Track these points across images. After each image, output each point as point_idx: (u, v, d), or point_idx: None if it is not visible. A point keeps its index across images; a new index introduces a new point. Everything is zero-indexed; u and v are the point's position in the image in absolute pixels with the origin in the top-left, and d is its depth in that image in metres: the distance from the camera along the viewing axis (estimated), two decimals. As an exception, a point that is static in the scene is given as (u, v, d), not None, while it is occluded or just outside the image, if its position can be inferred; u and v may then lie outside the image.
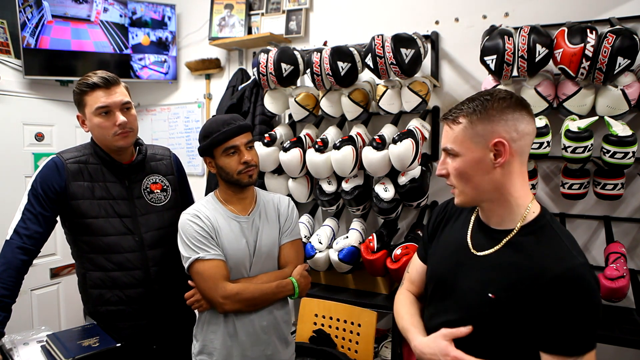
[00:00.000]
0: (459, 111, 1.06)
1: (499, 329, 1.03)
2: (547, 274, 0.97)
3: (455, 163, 1.06)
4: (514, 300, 1.00)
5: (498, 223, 1.09)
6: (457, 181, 1.08)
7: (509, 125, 1.02)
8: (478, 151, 1.03)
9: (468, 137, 1.04)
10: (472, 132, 1.04)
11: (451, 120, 1.07)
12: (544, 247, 1.01)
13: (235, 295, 1.44)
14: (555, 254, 0.99)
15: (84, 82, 1.54)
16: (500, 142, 1.01)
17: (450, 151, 1.08)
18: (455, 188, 1.10)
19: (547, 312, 0.96)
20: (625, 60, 1.71)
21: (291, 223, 1.63)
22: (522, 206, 1.06)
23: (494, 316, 1.02)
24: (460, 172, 1.06)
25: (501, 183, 1.05)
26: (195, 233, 1.47)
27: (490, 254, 1.07)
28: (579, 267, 0.97)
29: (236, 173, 1.50)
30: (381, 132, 2.18)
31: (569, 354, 0.96)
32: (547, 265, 0.98)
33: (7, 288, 1.44)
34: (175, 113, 3.28)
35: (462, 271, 1.11)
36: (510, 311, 1.00)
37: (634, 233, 2.05)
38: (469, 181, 1.06)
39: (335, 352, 2.07)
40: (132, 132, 1.59)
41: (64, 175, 1.54)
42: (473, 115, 1.04)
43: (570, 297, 0.95)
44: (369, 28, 2.52)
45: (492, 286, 1.03)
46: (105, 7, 2.92)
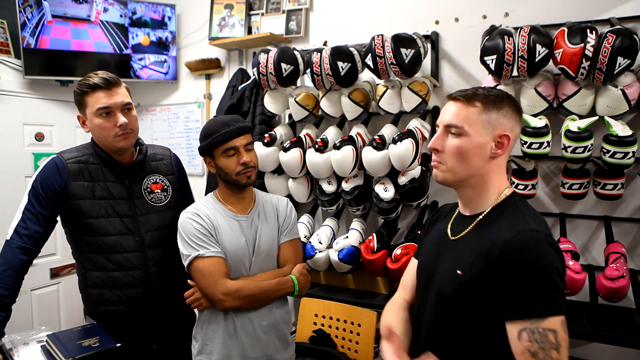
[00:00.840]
0: (475, 95, 1.09)
1: (468, 305, 1.06)
2: (498, 242, 1.01)
3: (459, 141, 1.08)
4: (477, 273, 1.03)
5: (474, 209, 1.15)
6: (451, 158, 1.10)
7: (512, 124, 1.11)
8: (484, 137, 1.08)
9: (480, 121, 1.08)
10: (485, 117, 1.08)
11: (466, 99, 1.09)
12: (504, 221, 1.07)
13: (235, 291, 1.45)
14: (511, 224, 1.04)
15: (85, 82, 1.54)
16: (506, 136, 1.09)
17: (457, 129, 1.09)
18: (444, 164, 1.12)
19: (501, 278, 0.99)
20: (625, 60, 1.71)
21: (290, 223, 1.64)
22: (495, 192, 1.13)
23: (462, 292, 1.06)
24: (461, 150, 1.08)
25: (487, 172, 1.11)
26: (195, 231, 1.47)
27: (462, 236, 1.14)
28: (527, 232, 1.00)
29: (235, 174, 1.51)
30: (381, 132, 2.18)
31: (524, 316, 0.96)
32: (501, 234, 1.02)
33: (7, 288, 1.44)
34: (175, 113, 3.28)
35: (441, 257, 1.17)
36: (475, 285, 1.04)
37: (634, 233, 2.05)
38: (464, 161, 1.09)
39: (335, 352, 2.07)
40: (133, 133, 1.59)
41: (64, 175, 1.55)
42: (490, 103, 1.08)
43: (517, 259, 0.98)
44: (369, 28, 2.52)
45: (460, 264, 1.08)
46: (105, 7, 2.92)
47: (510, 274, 0.98)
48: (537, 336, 0.94)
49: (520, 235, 1.00)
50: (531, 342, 0.94)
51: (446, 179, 1.13)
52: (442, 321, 1.11)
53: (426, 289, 1.20)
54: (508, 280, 0.98)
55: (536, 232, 1.01)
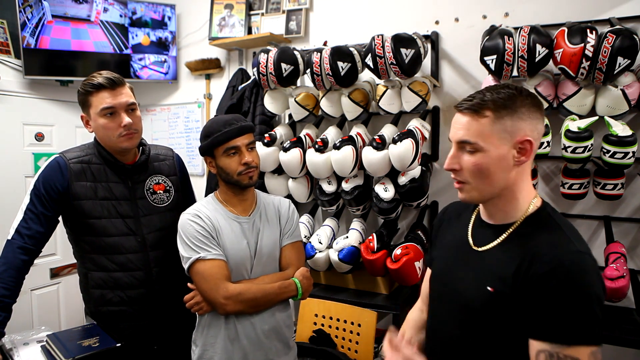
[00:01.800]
0: (483, 103, 1.00)
1: (498, 323, 1.00)
2: (540, 260, 0.94)
3: (476, 158, 1.00)
4: (511, 291, 0.97)
5: (501, 219, 1.07)
6: (472, 177, 1.02)
7: (534, 124, 1.01)
8: (503, 148, 0.99)
9: (495, 132, 0.99)
10: (500, 127, 0.99)
11: (474, 111, 1.00)
12: (542, 236, 0.99)
13: (237, 295, 1.42)
14: (552, 241, 0.97)
15: (89, 82, 1.53)
16: (528, 141, 0.99)
17: (472, 145, 1.00)
18: (466, 184, 1.04)
19: (538, 298, 0.92)
20: (625, 60, 1.71)
21: (292, 225, 1.62)
22: (526, 202, 1.05)
23: (493, 310, 1.00)
24: (481, 168, 1.00)
25: (514, 181, 1.03)
26: (196, 233, 1.45)
27: (491, 248, 1.05)
28: (572, 254, 0.94)
29: (236, 174, 1.49)
30: (381, 132, 2.18)
31: (548, 338, 0.90)
32: (542, 252, 0.95)
33: (7, 288, 1.44)
34: (175, 113, 3.28)
35: (462, 268, 1.09)
36: (508, 303, 0.97)
37: (634, 233, 2.05)
38: (487, 178, 1.01)
39: (335, 352, 2.07)
40: (137, 133, 1.59)
41: (66, 175, 1.54)
42: (501, 109, 0.99)
43: (560, 281, 0.91)
44: (369, 28, 2.52)
45: (491, 279, 1.01)
46: (105, 7, 2.92)
47: (549, 294, 0.91)
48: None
49: (567, 257, 0.93)
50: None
51: (473, 198, 1.06)
52: (468, 337, 1.04)
53: (444, 299, 1.13)
54: (545, 300, 0.91)
55: (583, 255, 0.95)
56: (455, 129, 1.04)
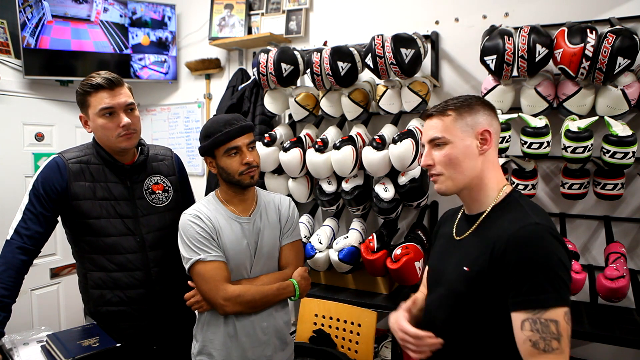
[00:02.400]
0: (446, 106, 1.17)
1: (477, 299, 1.09)
2: (502, 236, 1.05)
3: (446, 150, 1.15)
4: (482, 268, 1.07)
5: (476, 208, 1.19)
6: (445, 168, 1.15)
7: (488, 120, 1.17)
8: (467, 139, 1.14)
9: (458, 126, 1.15)
10: (462, 122, 1.15)
11: (439, 112, 1.17)
12: (505, 216, 1.11)
13: (236, 297, 1.43)
14: (514, 219, 1.08)
15: (87, 82, 1.53)
16: (487, 131, 1.15)
17: (440, 140, 1.15)
18: (441, 175, 1.17)
19: (506, 271, 1.02)
20: (625, 60, 1.71)
21: (292, 224, 1.62)
22: (495, 190, 1.17)
23: (469, 288, 1.10)
24: (451, 158, 1.14)
25: (481, 170, 1.16)
26: (196, 234, 1.45)
27: (467, 236, 1.19)
28: (530, 225, 1.04)
29: (237, 174, 1.49)
30: (381, 132, 2.18)
31: (527, 307, 0.98)
32: (504, 229, 1.07)
33: (7, 288, 1.44)
34: (175, 113, 3.28)
35: (447, 258, 1.22)
36: (482, 279, 1.07)
37: (634, 233, 2.05)
38: (457, 166, 1.14)
39: (335, 352, 2.07)
40: (136, 133, 1.59)
41: (65, 176, 1.54)
42: (461, 108, 1.16)
43: (522, 252, 1.01)
44: (369, 28, 2.52)
45: (466, 260, 1.13)
46: (105, 7, 2.92)
47: (515, 266, 1.01)
48: (538, 326, 0.97)
49: (524, 229, 1.04)
50: (532, 331, 0.97)
51: (448, 188, 1.17)
52: (453, 317, 1.15)
53: (435, 289, 1.25)
54: (513, 273, 1.01)
55: (539, 225, 1.04)
56: (425, 131, 1.21)
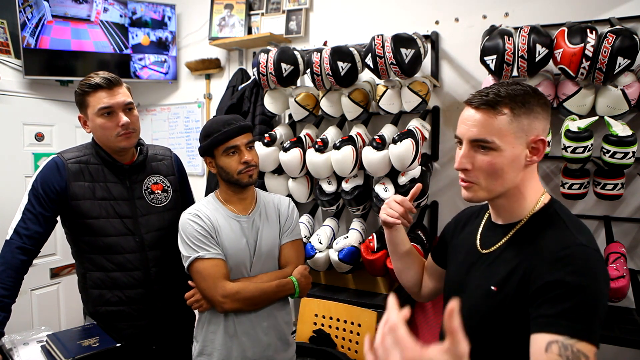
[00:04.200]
0: (500, 99, 0.95)
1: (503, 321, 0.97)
2: (544, 259, 0.91)
3: (491, 157, 0.96)
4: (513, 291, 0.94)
5: (508, 218, 1.04)
6: (484, 177, 0.98)
7: (545, 124, 0.99)
8: (518, 147, 0.96)
9: (512, 130, 0.94)
10: (517, 125, 0.95)
11: (490, 107, 0.95)
12: (546, 233, 0.96)
13: (235, 294, 1.44)
14: (556, 237, 0.94)
15: (86, 82, 1.53)
16: (541, 141, 0.96)
17: (488, 144, 0.95)
18: (475, 184, 1.00)
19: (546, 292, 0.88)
20: (625, 60, 1.71)
21: (291, 223, 1.63)
22: (533, 200, 1.02)
23: (496, 309, 0.97)
24: (495, 168, 0.96)
25: (522, 181, 1.00)
26: (196, 232, 1.47)
27: (495, 249, 1.03)
28: (577, 246, 0.90)
29: (236, 173, 1.50)
30: (381, 132, 2.18)
31: (561, 331, 0.84)
32: (546, 249, 0.92)
33: (6, 288, 1.44)
34: (175, 113, 3.28)
35: (470, 273, 1.08)
36: (512, 303, 0.94)
37: (634, 233, 2.05)
38: (499, 178, 0.97)
39: (335, 352, 2.07)
40: (135, 132, 1.59)
41: (64, 176, 1.54)
42: (518, 107, 0.95)
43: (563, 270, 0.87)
44: (369, 28, 2.52)
45: (495, 279, 0.99)
46: (105, 7, 2.92)
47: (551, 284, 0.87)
48: (569, 353, 0.82)
49: (569, 249, 0.89)
50: (561, 356, 0.82)
51: (480, 198, 1.02)
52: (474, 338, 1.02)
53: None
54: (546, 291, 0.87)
55: (587, 248, 0.90)
56: (468, 126, 0.98)
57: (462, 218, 1.25)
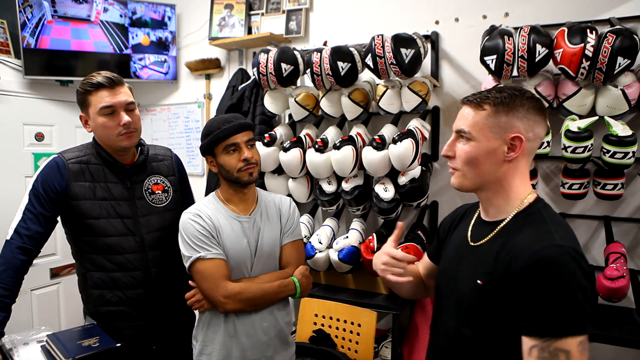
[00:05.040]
0: (485, 98, 1.06)
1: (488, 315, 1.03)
2: (521, 256, 0.97)
3: (468, 147, 1.06)
4: (497, 284, 1.00)
5: (494, 214, 1.11)
6: (463, 165, 1.08)
7: (529, 125, 1.05)
8: (494, 141, 1.05)
9: (488, 125, 1.05)
10: (494, 121, 1.04)
11: (475, 103, 1.07)
12: (526, 231, 1.02)
13: (236, 294, 1.44)
14: (534, 236, 0.99)
15: (88, 82, 1.53)
16: (518, 137, 1.04)
17: (465, 134, 1.07)
18: (458, 170, 1.10)
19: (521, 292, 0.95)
20: (625, 60, 1.71)
21: (292, 223, 1.63)
22: (519, 198, 1.08)
23: (482, 302, 1.04)
24: (470, 157, 1.06)
25: (504, 177, 1.07)
26: (197, 232, 1.46)
27: (483, 243, 1.10)
28: (552, 248, 0.95)
29: (236, 170, 1.49)
30: (381, 132, 2.18)
31: (537, 334, 0.91)
32: (523, 247, 0.98)
33: (6, 288, 1.44)
34: (175, 113, 3.28)
35: (460, 264, 1.14)
36: (495, 296, 1.01)
37: (634, 233, 2.05)
38: (475, 167, 1.07)
39: (335, 352, 2.07)
40: (136, 132, 1.59)
41: (65, 176, 1.54)
42: (500, 105, 1.04)
43: (540, 274, 0.93)
44: (369, 28, 2.52)
45: (480, 273, 1.05)
46: (105, 7, 2.92)
47: (531, 290, 0.93)
48: (546, 355, 0.90)
49: (545, 250, 0.95)
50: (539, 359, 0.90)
51: (461, 185, 1.11)
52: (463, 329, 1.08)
53: (445, 294, 1.18)
54: (528, 296, 0.94)
55: (561, 249, 0.95)
56: (457, 119, 1.11)
57: (457, 216, 1.30)
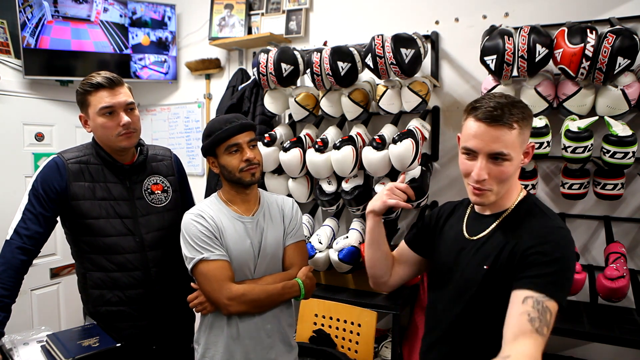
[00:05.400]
0: (511, 116, 1.08)
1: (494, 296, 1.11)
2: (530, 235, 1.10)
3: (505, 167, 1.10)
4: (505, 266, 1.11)
5: (494, 209, 1.21)
6: (496, 184, 1.12)
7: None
8: (520, 155, 1.13)
9: (519, 142, 1.11)
10: (522, 137, 1.11)
11: (506, 124, 1.08)
12: (530, 220, 1.14)
13: (241, 296, 1.42)
14: (538, 221, 1.13)
15: (87, 82, 1.54)
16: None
17: (505, 156, 1.09)
18: (489, 191, 1.13)
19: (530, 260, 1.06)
20: (625, 60, 1.71)
21: (295, 224, 1.61)
22: (516, 193, 1.20)
23: (487, 284, 1.12)
24: (507, 176, 1.12)
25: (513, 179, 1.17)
26: (200, 233, 1.45)
27: (484, 236, 1.19)
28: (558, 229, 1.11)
29: (238, 171, 1.48)
30: (381, 132, 2.18)
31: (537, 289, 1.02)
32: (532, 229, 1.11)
33: (6, 288, 1.44)
34: (175, 113, 3.28)
35: (461, 256, 1.22)
36: (502, 277, 1.10)
37: (634, 233, 2.05)
38: (507, 183, 1.14)
39: (335, 352, 2.07)
40: (136, 132, 1.59)
41: (64, 176, 1.54)
42: (522, 121, 1.10)
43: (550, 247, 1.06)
44: (369, 28, 2.52)
45: (487, 260, 1.14)
46: (105, 7, 2.92)
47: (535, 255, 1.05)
48: (540, 307, 1.00)
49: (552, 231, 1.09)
50: (534, 308, 1.00)
51: (490, 202, 1.16)
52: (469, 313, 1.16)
53: (446, 285, 1.24)
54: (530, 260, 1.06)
55: (564, 230, 1.11)
56: (485, 141, 1.09)
57: (445, 210, 1.38)
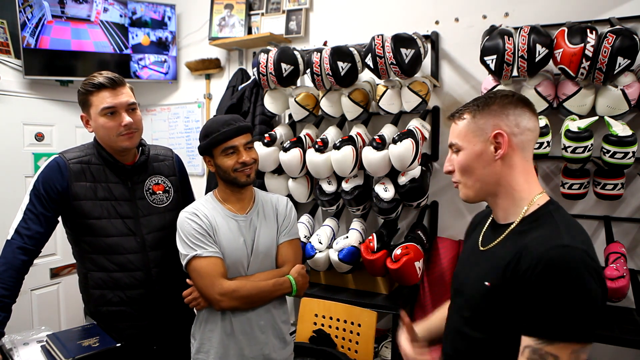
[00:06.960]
0: (464, 108, 1.11)
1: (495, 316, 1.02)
2: (526, 256, 0.95)
3: (459, 157, 1.10)
4: (504, 285, 0.98)
5: (504, 217, 1.10)
6: (460, 175, 1.12)
7: (510, 119, 1.05)
8: (479, 144, 1.07)
9: (470, 130, 1.08)
10: (474, 125, 1.08)
11: (457, 116, 1.12)
12: (535, 232, 1.00)
13: (232, 292, 1.45)
14: (543, 236, 0.97)
15: (89, 82, 1.53)
16: (499, 134, 1.04)
17: (454, 146, 1.12)
18: (459, 183, 1.13)
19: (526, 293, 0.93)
20: (625, 60, 1.71)
21: (289, 222, 1.63)
22: (525, 199, 1.06)
23: (489, 303, 1.03)
24: (463, 165, 1.10)
25: (502, 176, 1.07)
26: (193, 230, 1.47)
27: (491, 247, 1.09)
28: (559, 248, 0.92)
29: (232, 170, 1.50)
30: (381, 132, 2.18)
31: (533, 334, 0.90)
32: (530, 247, 0.96)
33: (7, 288, 1.44)
34: (175, 113, 3.28)
35: (470, 267, 1.15)
36: (502, 297, 0.99)
37: (634, 233, 2.05)
38: (471, 174, 1.09)
39: (335, 352, 2.07)
40: (138, 132, 1.59)
41: (66, 176, 1.54)
42: (476, 110, 1.08)
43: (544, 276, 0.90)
44: (369, 28, 2.52)
45: (488, 275, 1.04)
46: (105, 7, 2.92)
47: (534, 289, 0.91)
48: (536, 357, 0.89)
49: (552, 251, 0.92)
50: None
51: (467, 196, 1.13)
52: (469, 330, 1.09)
53: (455, 296, 1.20)
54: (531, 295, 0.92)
55: (569, 248, 0.92)
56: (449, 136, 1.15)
57: (475, 220, 1.31)
